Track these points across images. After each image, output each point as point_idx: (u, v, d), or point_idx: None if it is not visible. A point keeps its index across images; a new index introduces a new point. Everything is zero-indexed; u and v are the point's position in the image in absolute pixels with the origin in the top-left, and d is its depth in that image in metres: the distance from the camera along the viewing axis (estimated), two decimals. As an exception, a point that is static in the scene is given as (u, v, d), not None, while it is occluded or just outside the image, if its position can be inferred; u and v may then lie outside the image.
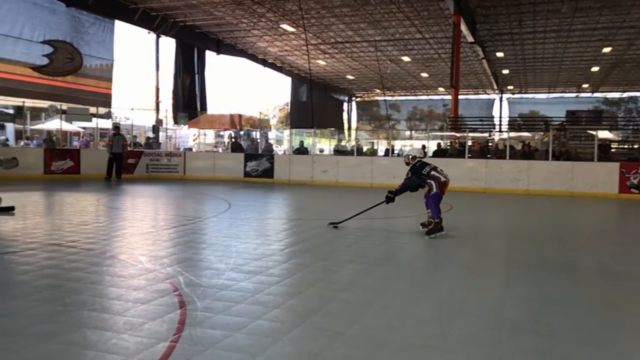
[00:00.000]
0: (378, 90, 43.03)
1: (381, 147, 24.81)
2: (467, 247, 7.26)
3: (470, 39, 23.20)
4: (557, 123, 21.87)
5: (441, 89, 40.95)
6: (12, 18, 20.12)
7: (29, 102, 19.46)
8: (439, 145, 18.94)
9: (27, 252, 5.76)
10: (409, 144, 27.12)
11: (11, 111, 21.03)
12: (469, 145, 17.66)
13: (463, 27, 21.29)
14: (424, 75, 36.65)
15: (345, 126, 44.27)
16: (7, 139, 21.08)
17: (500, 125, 26.68)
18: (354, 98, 47.90)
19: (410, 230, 8.45)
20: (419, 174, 7.81)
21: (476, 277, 5.52)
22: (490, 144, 19.90)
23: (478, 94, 42.01)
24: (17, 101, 19.53)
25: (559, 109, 32.72)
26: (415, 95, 44.85)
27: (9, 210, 8.88)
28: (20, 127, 21.86)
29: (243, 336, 3.42)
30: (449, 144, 20.19)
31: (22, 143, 21.07)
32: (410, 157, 8.16)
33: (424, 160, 8.11)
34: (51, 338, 3.24)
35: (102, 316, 3.70)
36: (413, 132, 33.41)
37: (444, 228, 7.68)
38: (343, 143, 23.81)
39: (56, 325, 3.47)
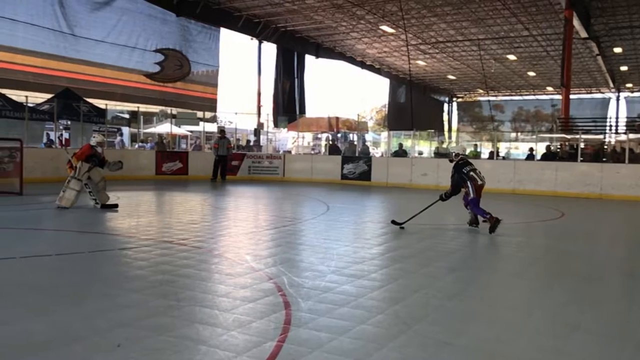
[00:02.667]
0: (481, 91, 41.57)
1: (484, 149, 23.86)
2: (581, 257, 6.75)
3: (583, 34, 21.70)
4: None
5: (549, 89, 38.77)
6: (129, 29, 21.81)
7: (142, 107, 20.88)
8: (548, 147, 17.87)
9: (143, 249, 6.14)
10: (514, 146, 25.90)
11: (127, 116, 22.71)
12: (581, 148, 16.46)
13: (576, 22, 19.97)
14: (531, 74, 34.88)
15: (446, 128, 43.14)
16: (123, 142, 22.78)
17: (616, 126, 24.68)
18: (454, 99, 46.62)
19: (517, 239, 8.01)
20: (460, 171, 8.03)
21: (593, 288, 5.12)
22: (605, 147, 18.44)
23: (591, 93, 39.15)
24: (132, 106, 21.06)
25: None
26: (521, 95, 42.75)
27: (113, 207, 9.50)
28: (134, 130, 23.54)
29: (348, 340, 3.38)
30: (558, 146, 18.99)
31: (136, 146, 22.69)
32: (454, 154, 8.38)
33: (467, 159, 8.36)
34: (166, 331, 3.40)
35: (213, 312, 3.83)
36: (519, 133, 31.85)
37: (499, 219, 7.72)
38: (444, 145, 23.16)
39: (171, 319, 3.64)
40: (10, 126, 15.21)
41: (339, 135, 24.47)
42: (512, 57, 29.98)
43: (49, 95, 17.32)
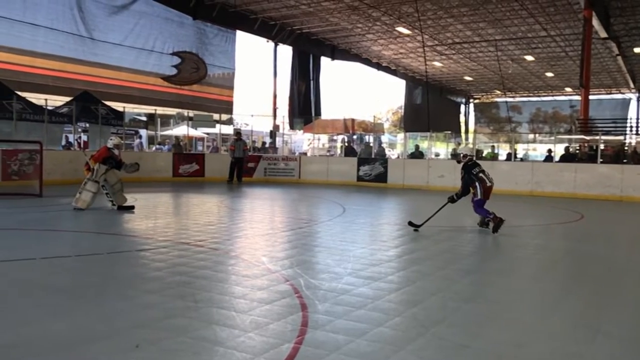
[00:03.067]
0: (498, 92, 41.21)
1: (501, 151, 23.63)
2: (601, 260, 6.63)
3: (603, 34, 21.38)
4: None
5: (568, 89, 38.26)
6: (146, 33, 22.05)
7: (159, 110, 21.08)
8: (567, 149, 17.64)
9: (160, 250, 6.19)
10: (532, 147, 25.61)
11: (144, 118, 22.94)
12: (601, 149, 16.22)
13: (595, 22, 19.69)
14: (549, 74, 34.48)
15: (462, 129, 42.83)
16: (141, 144, 23.01)
17: (637, 127, 24.29)
18: (471, 100, 46.29)
19: (535, 241, 7.92)
20: (469, 172, 8.10)
21: (613, 292, 5.05)
22: (626, 148, 18.16)
23: (611, 93, 38.50)
24: (149, 109, 21.28)
25: None
26: (539, 96, 42.26)
27: (129, 208, 9.62)
28: (152, 133, 23.77)
29: (365, 343, 3.37)
30: (577, 147, 18.74)
31: (153, 148, 22.90)
32: (462, 155, 8.43)
33: (475, 160, 8.47)
34: (184, 332, 3.42)
35: (230, 314, 3.84)
36: (536, 135, 31.49)
37: (502, 219, 7.85)
38: (461, 147, 22.98)
39: (188, 320, 3.66)
40: (30, 129, 15.47)
41: (354, 136, 24.43)
42: (529, 57, 29.66)
43: (68, 98, 17.55)
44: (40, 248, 6.21)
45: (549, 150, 18.47)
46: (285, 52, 28.01)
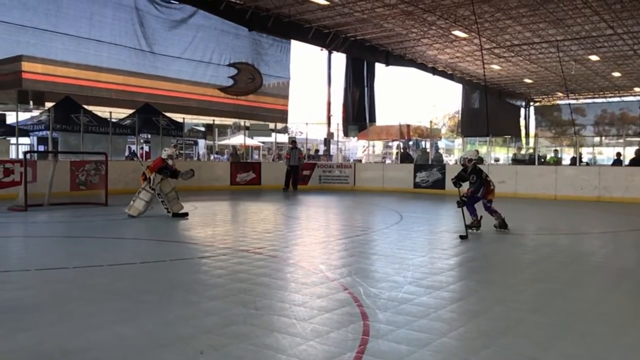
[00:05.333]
0: (560, 94, 39.76)
1: (565, 155, 22.68)
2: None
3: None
4: None
5: (637, 89, 36.46)
6: (204, 45, 22.72)
7: (217, 120, 21.58)
8: (637, 152, 16.71)
9: (221, 257, 6.29)
10: (598, 151, 24.48)
11: (202, 128, 23.56)
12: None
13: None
14: (616, 74, 32.98)
15: (523, 133, 41.50)
16: (205, 154, 23.67)
17: None
18: (531, 103, 44.87)
19: (604, 250, 7.53)
20: (480, 176, 8.37)
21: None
22: None
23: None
24: (207, 119, 21.83)
25: None
26: (605, 97, 40.44)
27: (183, 216, 9.91)
28: (210, 142, 24.37)
29: (429, 353, 3.28)
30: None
31: (212, 157, 23.46)
32: (467, 159, 8.70)
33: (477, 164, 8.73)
34: (246, 339, 3.44)
35: (291, 321, 3.83)
36: (603, 138, 30.08)
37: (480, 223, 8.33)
38: (522, 152, 22.24)
39: (250, 327, 3.68)
40: (95, 141, 16.18)
41: (410, 142, 24.15)
42: (594, 57, 28.45)
43: (131, 111, 18.30)
44: (107, 255, 6.45)
45: (618, 154, 17.57)
46: (339, 59, 28.14)
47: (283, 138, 25.42)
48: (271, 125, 22.67)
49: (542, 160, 19.02)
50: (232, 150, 22.18)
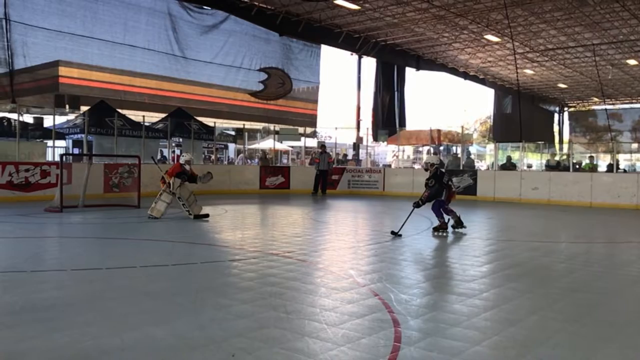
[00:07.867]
0: (595, 99, 38.80)
1: (601, 162, 22.09)
2: None
3: None
4: None
5: (677, 94, 35.32)
6: (235, 50, 22.97)
7: (247, 125, 21.76)
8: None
9: (251, 260, 6.32)
10: (636, 157, 23.77)
11: (233, 133, 23.80)
12: None
13: None
14: (655, 79, 32.03)
15: (557, 139, 40.61)
16: (244, 159, 23.91)
17: None
18: (566, 108, 43.90)
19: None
20: (440, 181, 8.70)
21: None
22: None
23: None
24: (238, 124, 22.02)
25: None
26: (643, 102, 39.28)
27: (204, 217, 10.17)
28: (240, 147, 24.59)
29: (462, 363, 3.21)
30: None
31: (241, 162, 23.66)
32: (429, 164, 9.06)
33: (441, 168, 9.06)
34: (278, 343, 3.43)
35: (321, 326, 3.81)
36: (640, 144, 29.21)
37: (446, 227, 8.89)
38: (556, 158, 21.74)
39: (281, 331, 3.68)
40: (129, 144, 16.49)
41: (441, 147, 23.89)
42: (632, 61, 27.67)
43: (163, 115, 18.60)
44: (140, 256, 6.55)
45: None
46: (369, 63, 28.07)
47: (312, 142, 25.46)
48: (300, 130, 22.74)
49: (577, 166, 18.58)
50: (262, 154, 22.32)
